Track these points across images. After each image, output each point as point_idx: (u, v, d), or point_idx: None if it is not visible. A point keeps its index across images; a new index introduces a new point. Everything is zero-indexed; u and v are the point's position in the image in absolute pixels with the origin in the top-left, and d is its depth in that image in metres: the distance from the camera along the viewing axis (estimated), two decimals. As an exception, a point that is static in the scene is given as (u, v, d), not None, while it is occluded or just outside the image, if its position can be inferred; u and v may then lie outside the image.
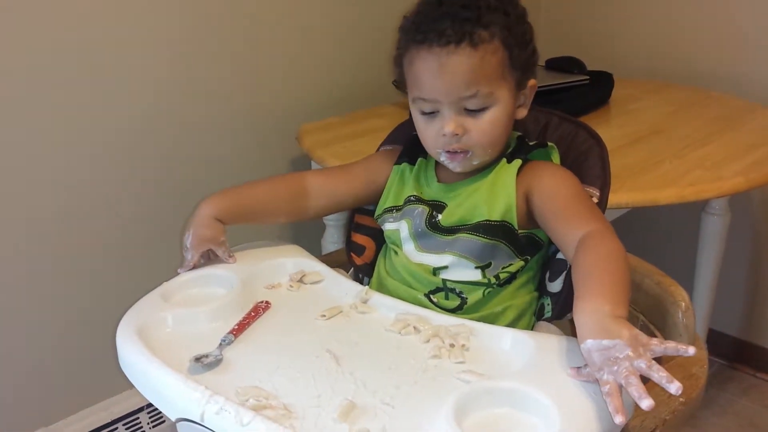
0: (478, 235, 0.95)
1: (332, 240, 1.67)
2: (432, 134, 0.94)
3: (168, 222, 1.62)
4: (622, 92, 1.89)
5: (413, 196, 1.02)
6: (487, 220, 0.95)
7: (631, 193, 1.30)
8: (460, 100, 0.90)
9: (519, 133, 1.03)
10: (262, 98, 1.73)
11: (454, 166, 0.96)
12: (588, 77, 1.87)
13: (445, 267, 0.98)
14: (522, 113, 0.97)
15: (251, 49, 1.68)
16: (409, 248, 1.01)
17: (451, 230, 0.97)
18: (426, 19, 0.90)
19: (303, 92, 1.80)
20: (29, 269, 1.46)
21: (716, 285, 1.92)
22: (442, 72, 0.88)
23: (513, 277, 0.98)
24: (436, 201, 1.00)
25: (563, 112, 1.11)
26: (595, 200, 0.98)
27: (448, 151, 0.94)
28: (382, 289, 1.01)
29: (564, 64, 1.95)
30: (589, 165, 1.01)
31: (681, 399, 0.86)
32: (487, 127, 0.92)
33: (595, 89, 1.86)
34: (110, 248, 1.56)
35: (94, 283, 1.55)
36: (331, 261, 1.10)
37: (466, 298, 0.96)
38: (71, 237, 1.50)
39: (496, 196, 0.95)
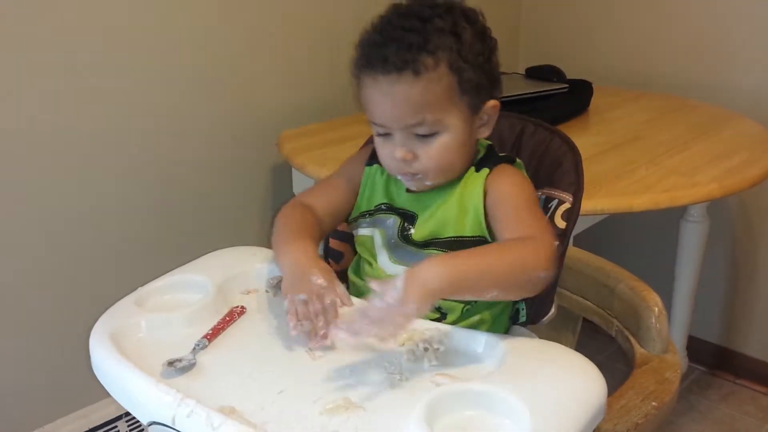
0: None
1: (313, 247, 1.67)
2: (386, 155, 0.93)
3: (146, 227, 1.62)
4: (601, 100, 1.91)
5: (384, 204, 1.01)
6: (459, 237, 0.94)
7: (607, 199, 1.31)
8: (407, 126, 0.88)
9: (489, 142, 1.01)
10: (243, 104, 1.73)
11: (409, 184, 0.96)
12: (567, 85, 1.88)
13: None
14: (484, 133, 0.95)
15: (233, 56, 1.68)
16: (383, 259, 1.00)
17: (423, 244, 0.97)
18: (373, 43, 0.88)
19: (284, 99, 1.80)
20: (4, 277, 1.45)
21: (695, 292, 1.94)
22: (386, 101, 0.88)
23: None
24: (407, 210, 0.99)
25: (542, 119, 1.11)
26: (568, 205, 0.99)
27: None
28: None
29: (543, 73, 1.97)
30: (564, 171, 1.02)
31: (654, 403, 0.87)
32: (437, 153, 0.90)
33: (574, 97, 1.87)
34: (86, 254, 1.55)
35: (72, 290, 1.54)
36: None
37: (446, 314, 0.95)
38: (47, 244, 1.49)
39: (465, 210, 0.94)
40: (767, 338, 2.07)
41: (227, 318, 0.91)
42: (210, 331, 0.88)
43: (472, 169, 0.96)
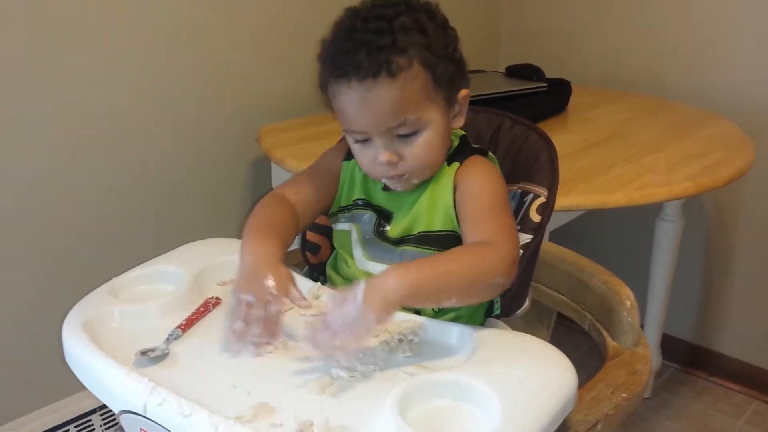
0: (423, 247, 0.95)
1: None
2: (368, 161, 0.92)
3: (123, 218, 1.61)
4: (580, 99, 1.92)
5: (361, 199, 1.01)
6: (427, 231, 0.95)
7: (582, 195, 1.32)
8: (389, 129, 0.88)
9: (463, 133, 1.01)
10: (223, 99, 1.73)
11: (395, 186, 0.95)
12: (546, 84, 1.90)
13: None
14: (458, 123, 0.96)
15: (213, 50, 1.68)
16: (358, 254, 1.01)
17: (398, 241, 0.97)
18: (341, 50, 0.87)
19: (265, 94, 1.80)
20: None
21: (670, 290, 1.97)
22: (364, 107, 0.86)
23: None
24: (383, 208, 0.99)
25: (521, 117, 1.12)
26: (543, 200, 1.00)
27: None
28: None
29: (523, 71, 1.98)
30: (540, 166, 1.02)
31: (624, 395, 0.88)
32: (422, 150, 0.90)
33: (553, 96, 1.89)
34: (61, 244, 1.54)
35: (47, 280, 1.53)
36: (287, 261, 1.09)
37: (420, 311, 0.95)
38: (17, 235, 1.47)
39: (436, 205, 0.95)
40: (740, 336, 2.10)
41: (202, 309, 0.91)
42: (184, 322, 0.88)
43: (444, 163, 0.96)
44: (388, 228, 0.98)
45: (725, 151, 1.58)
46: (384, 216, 0.99)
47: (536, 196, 1.01)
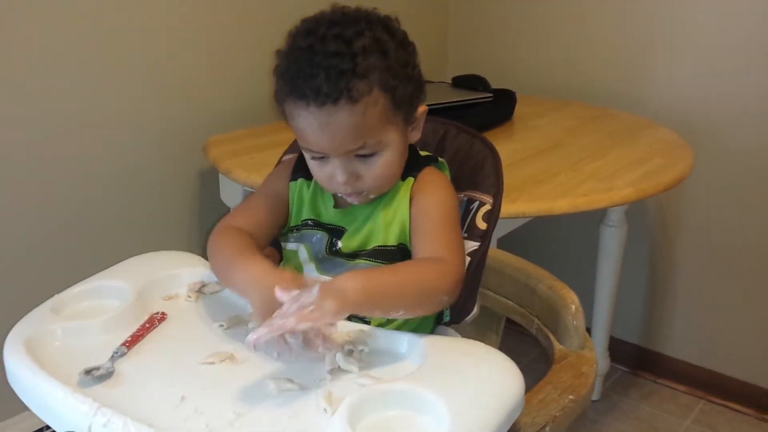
0: (377, 261, 0.95)
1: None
2: (325, 177, 0.92)
3: (66, 234, 1.58)
4: (525, 109, 1.96)
5: (311, 220, 1.00)
6: (383, 246, 0.95)
7: (528, 203, 1.34)
8: (348, 152, 0.88)
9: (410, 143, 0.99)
10: (170, 109, 1.71)
11: (352, 200, 0.95)
12: (491, 94, 1.93)
13: None
14: (415, 136, 0.96)
15: (159, 60, 1.66)
16: (309, 269, 1.00)
17: (351, 255, 0.97)
18: (300, 72, 0.85)
19: (211, 104, 1.79)
20: None
21: (616, 294, 2.01)
22: (324, 131, 0.86)
23: None
24: (335, 225, 0.99)
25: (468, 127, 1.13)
26: (489, 207, 1.01)
27: None
28: None
29: (469, 82, 2.01)
30: (485, 174, 1.04)
31: (571, 396, 0.90)
32: (380, 170, 0.91)
33: (499, 106, 1.92)
34: (2, 259, 1.50)
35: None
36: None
37: (369, 322, 0.94)
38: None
39: (392, 219, 0.95)
40: (686, 338, 2.16)
41: (147, 324, 0.90)
42: (129, 338, 0.86)
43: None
44: (340, 245, 0.97)
45: (665, 157, 1.63)
46: (336, 233, 0.98)
47: (482, 204, 1.02)
